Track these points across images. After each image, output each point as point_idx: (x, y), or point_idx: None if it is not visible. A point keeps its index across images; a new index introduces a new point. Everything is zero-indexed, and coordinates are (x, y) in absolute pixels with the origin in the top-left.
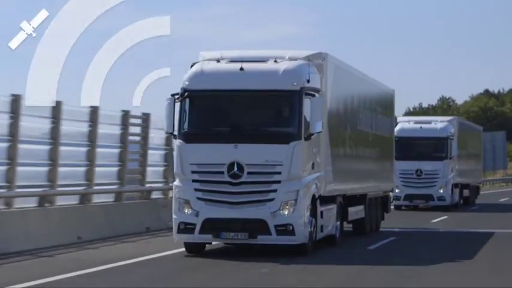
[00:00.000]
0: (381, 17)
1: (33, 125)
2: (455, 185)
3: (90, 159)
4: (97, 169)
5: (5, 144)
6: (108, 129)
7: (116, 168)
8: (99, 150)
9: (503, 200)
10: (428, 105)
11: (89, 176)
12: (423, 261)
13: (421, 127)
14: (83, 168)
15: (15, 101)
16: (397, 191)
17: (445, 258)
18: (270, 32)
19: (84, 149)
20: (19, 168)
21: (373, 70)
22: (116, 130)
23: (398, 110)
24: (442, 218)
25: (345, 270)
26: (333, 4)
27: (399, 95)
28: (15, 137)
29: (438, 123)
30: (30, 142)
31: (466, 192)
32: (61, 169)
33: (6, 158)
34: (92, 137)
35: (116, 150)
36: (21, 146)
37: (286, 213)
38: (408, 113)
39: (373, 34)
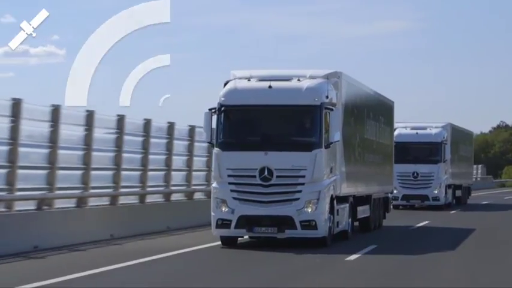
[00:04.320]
0: (485, 19)
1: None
2: (448, 186)
3: (144, 164)
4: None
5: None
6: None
7: (163, 173)
8: (151, 157)
9: (507, 198)
10: None
11: (143, 178)
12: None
13: (417, 133)
14: (138, 172)
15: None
16: (395, 191)
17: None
18: (373, 28)
19: (139, 156)
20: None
21: (472, 72)
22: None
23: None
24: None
25: (358, 259)
26: (439, 1)
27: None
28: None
29: (433, 129)
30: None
31: (458, 193)
32: (124, 173)
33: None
34: (145, 146)
35: (163, 157)
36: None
37: (309, 210)
38: (503, 127)
39: (478, 36)
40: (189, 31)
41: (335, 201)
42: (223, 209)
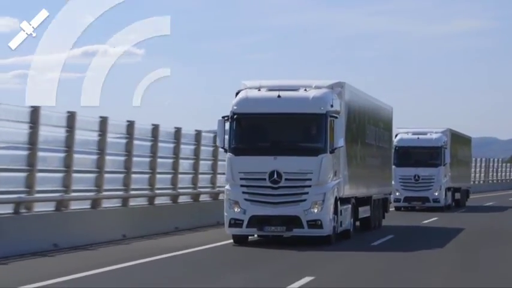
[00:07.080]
0: None
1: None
2: (448, 189)
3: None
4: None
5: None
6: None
7: (170, 176)
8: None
9: (488, 204)
10: None
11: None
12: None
13: (418, 138)
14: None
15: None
16: (397, 194)
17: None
18: (451, 27)
19: (148, 160)
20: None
21: None
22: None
23: None
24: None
25: (360, 255)
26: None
27: None
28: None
29: (433, 134)
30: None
31: (457, 195)
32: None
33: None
34: (153, 151)
35: (170, 161)
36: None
37: (316, 211)
38: None
39: None
40: (264, 32)
41: (339, 203)
42: (235, 210)
